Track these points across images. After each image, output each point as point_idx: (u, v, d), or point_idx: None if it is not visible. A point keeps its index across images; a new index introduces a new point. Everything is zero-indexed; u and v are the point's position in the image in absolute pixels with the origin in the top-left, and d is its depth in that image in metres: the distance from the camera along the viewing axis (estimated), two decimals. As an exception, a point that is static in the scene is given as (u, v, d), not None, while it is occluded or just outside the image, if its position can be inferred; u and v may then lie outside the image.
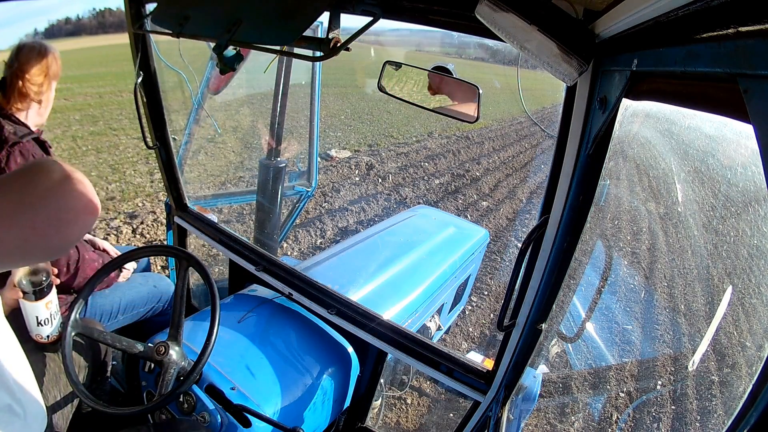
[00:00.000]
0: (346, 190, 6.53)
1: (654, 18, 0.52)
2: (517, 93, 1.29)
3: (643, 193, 2.36)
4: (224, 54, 1.07)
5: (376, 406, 2.24)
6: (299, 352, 1.65)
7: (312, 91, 2.63)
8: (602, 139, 0.83)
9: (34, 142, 1.55)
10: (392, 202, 6.41)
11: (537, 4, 0.74)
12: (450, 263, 2.53)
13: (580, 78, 0.79)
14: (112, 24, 37.08)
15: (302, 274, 1.80)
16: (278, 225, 2.82)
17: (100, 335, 1.37)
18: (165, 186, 2.13)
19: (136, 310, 1.93)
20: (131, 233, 4.56)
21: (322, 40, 0.93)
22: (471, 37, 1.01)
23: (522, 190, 7.83)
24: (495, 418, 1.35)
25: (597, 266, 1.88)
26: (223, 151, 7.28)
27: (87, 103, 11.01)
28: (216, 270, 3.16)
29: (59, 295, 1.59)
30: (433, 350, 1.51)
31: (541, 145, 11.71)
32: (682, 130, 1.25)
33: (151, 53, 1.76)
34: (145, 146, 1.91)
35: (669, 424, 2.28)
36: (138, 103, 1.82)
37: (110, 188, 5.71)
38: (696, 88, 0.49)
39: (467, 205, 6.72)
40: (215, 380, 1.40)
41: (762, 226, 1.10)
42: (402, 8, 1.03)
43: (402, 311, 2.09)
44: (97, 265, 1.71)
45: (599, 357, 2.64)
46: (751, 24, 0.35)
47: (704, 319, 2.10)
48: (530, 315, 1.17)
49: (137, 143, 7.44)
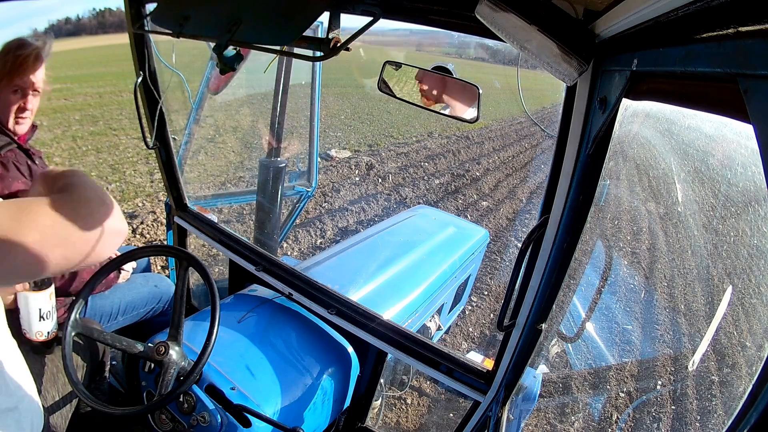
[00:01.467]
0: (346, 190, 6.53)
1: (654, 18, 0.52)
2: (517, 93, 1.29)
3: (643, 193, 2.36)
4: (224, 54, 1.07)
5: (376, 406, 2.24)
6: (299, 352, 1.65)
7: (312, 91, 2.63)
8: (602, 139, 0.83)
9: (18, 150, 1.51)
10: (392, 202, 6.41)
11: (537, 4, 0.74)
12: (450, 263, 2.53)
13: (580, 78, 0.79)
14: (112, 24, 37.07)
15: (302, 274, 1.80)
16: (278, 225, 2.82)
17: (99, 335, 1.37)
18: (165, 186, 2.13)
19: (136, 311, 1.92)
20: (131, 233, 4.56)
21: (322, 40, 0.93)
22: (471, 37, 1.01)
23: (522, 190, 7.84)
24: (495, 418, 1.35)
25: (597, 266, 1.88)
26: (223, 151, 7.28)
27: (87, 103, 11.01)
28: (216, 270, 3.16)
29: (57, 297, 1.59)
30: (433, 350, 1.51)
31: (541, 145, 11.71)
32: (682, 130, 1.25)
33: (151, 53, 1.76)
34: (145, 146, 1.91)
35: (669, 424, 2.28)
36: (138, 103, 1.82)
37: (110, 188, 5.71)
38: (696, 88, 0.49)
39: (467, 205, 6.72)
40: (215, 380, 1.40)
41: (762, 226, 1.10)
42: (402, 8, 1.03)
43: (402, 311, 2.09)
44: (94, 267, 1.70)
45: (599, 357, 2.64)
46: (751, 24, 0.35)
47: (704, 319, 2.10)
48: (530, 315, 1.17)
49: (137, 143, 7.44)
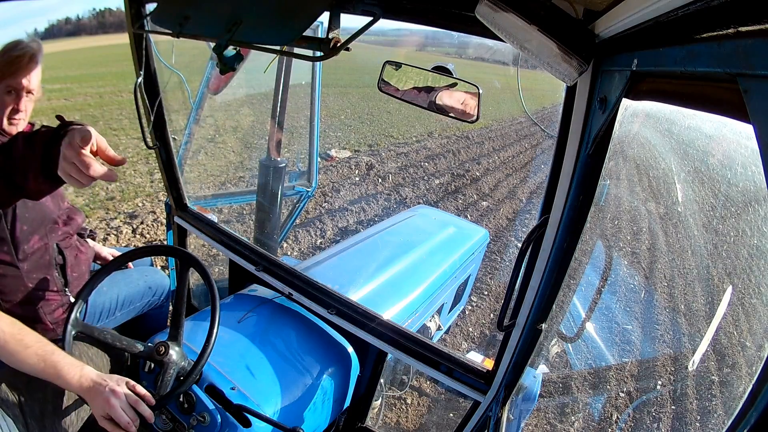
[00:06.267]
0: (346, 190, 6.53)
1: (654, 18, 0.52)
2: (517, 93, 1.30)
3: (643, 193, 2.36)
4: (224, 54, 1.07)
5: (376, 406, 2.24)
6: (299, 352, 1.65)
7: (312, 91, 2.63)
8: (602, 139, 0.83)
9: None
10: (392, 202, 6.41)
11: (537, 4, 0.74)
12: (450, 263, 2.53)
13: (580, 78, 0.79)
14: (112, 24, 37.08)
15: (302, 274, 1.80)
16: (278, 225, 2.82)
17: (100, 334, 1.37)
18: (165, 186, 2.13)
19: (134, 306, 1.93)
20: (131, 233, 4.56)
21: (322, 40, 0.93)
22: (471, 37, 1.01)
23: (522, 190, 7.83)
24: (495, 418, 1.35)
25: (597, 266, 1.88)
26: (223, 151, 7.28)
27: (87, 103, 11.01)
28: (216, 270, 3.16)
29: (56, 298, 1.59)
30: (433, 350, 1.51)
31: (541, 145, 11.71)
32: (682, 130, 1.25)
33: (151, 53, 1.76)
34: (145, 146, 1.91)
35: (669, 424, 2.29)
36: (138, 103, 1.82)
37: (110, 188, 5.70)
38: (696, 88, 0.49)
39: (467, 205, 6.72)
40: (215, 380, 1.40)
41: (762, 226, 1.10)
42: (402, 8, 1.03)
43: (402, 311, 2.09)
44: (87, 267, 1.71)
45: (599, 357, 2.64)
46: (751, 24, 0.35)
47: (704, 319, 2.10)
48: (530, 315, 1.17)
49: (137, 143, 7.44)
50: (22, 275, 1.49)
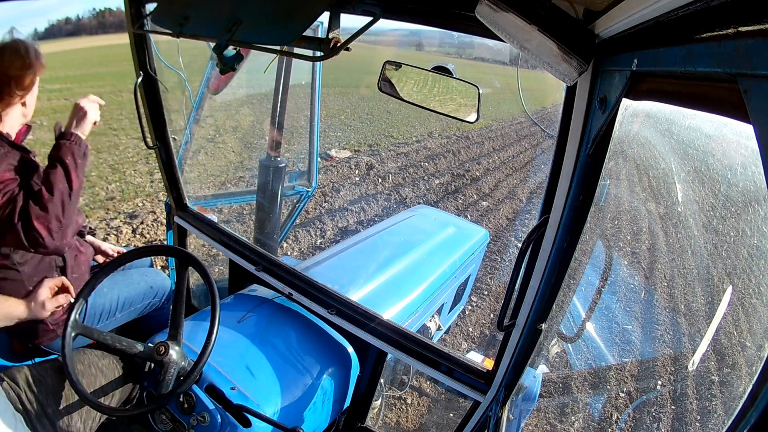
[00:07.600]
0: (346, 190, 6.53)
1: (654, 18, 0.52)
2: (517, 93, 1.30)
3: (643, 193, 2.36)
4: (224, 54, 1.07)
5: (376, 406, 2.24)
6: (299, 352, 1.65)
7: (312, 91, 2.63)
8: (602, 139, 0.83)
9: (12, 149, 1.43)
10: (392, 202, 6.41)
11: (537, 4, 0.74)
12: (450, 263, 2.53)
13: (580, 78, 0.79)
14: (112, 24, 37.03)
15: (302, 274, 1.80)
16: (278, 225, 2.82)
17: (100, 336, 1.37)
18: (165, 186, 2.13)
19: (134, 307, 1.93)
20: (131, 233, 4.56)
21: (322, 40, 0.93)
22: (471, 37, 1.01)
23: (522, 190, 7.83)
24: (495, 418, 1.35)
25: (597, 266, 1.88)
26: (223, 151, 7.28)
27: (87, 103, 10.97)
28: (216, 270, 3.16)
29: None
30: (433, 350, 1.51)
31: (541, 145, 11.71)
32: (682, 130, 1.25)
33: (151, 53, 1.76)
34: (145, 146, 1.91)
35: (669, 424, 2.28)
36: (138, 103, 1.82)
37: (110, 188, 5.71)
38: (696, 88, 0.49)
39: (467, 205, 6.72)
40: (215, 380, 1.40)
41: (762, 226, 1.10)
42: (402, 8, 1.03)
43: (402, 311, 2.09)
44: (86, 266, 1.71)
45: (599, 357, 2.64)
46: (751, 24, 0.35)
47: (704, 319, 2.10)
48: (530, 315, 1.17)
49: (137, 143, 7.44)
50: (22, 278, 1.49)
